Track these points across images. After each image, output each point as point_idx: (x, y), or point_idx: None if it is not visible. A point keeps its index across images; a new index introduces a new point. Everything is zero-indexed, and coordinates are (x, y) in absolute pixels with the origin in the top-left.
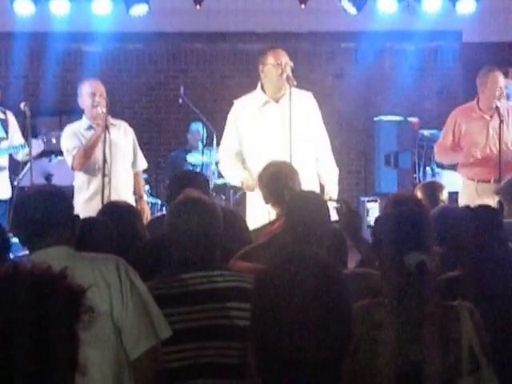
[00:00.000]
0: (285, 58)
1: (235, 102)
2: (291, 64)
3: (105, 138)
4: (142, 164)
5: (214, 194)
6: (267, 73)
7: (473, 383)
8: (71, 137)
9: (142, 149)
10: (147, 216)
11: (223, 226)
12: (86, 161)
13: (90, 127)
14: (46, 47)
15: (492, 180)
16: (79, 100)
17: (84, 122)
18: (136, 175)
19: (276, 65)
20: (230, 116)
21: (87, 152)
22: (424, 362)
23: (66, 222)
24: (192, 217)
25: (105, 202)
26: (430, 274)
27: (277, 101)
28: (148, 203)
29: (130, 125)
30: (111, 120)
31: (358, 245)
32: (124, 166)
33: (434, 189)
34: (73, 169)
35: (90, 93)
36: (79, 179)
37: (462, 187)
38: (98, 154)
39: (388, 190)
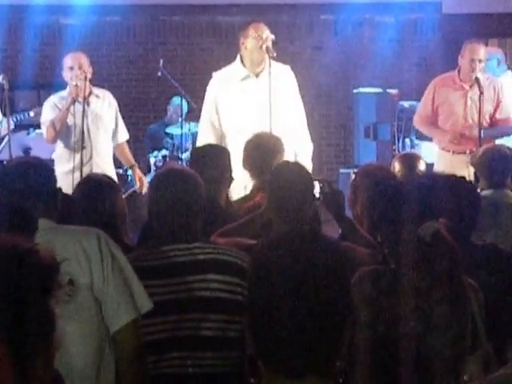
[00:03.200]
0: (266, 32)
1: (214, 74)
2: (273, 37)
3: (83, 110)
4: (124, 135)
5: None
6: (248, 46)
7: (479, 361)
8: (49, 109)
9: None
10: (145, 181)
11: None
12: (56, 134)
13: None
14: (25, 20)
15: (468, 151)
16: (63, 73)
17: (66, 94)
18: (120, 146)
19: (257, 37)
20: (208, 88)
21: (55, 125)
22: (426, 332)
23: (47, 194)
24: (173, 188)
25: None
26: (446, 243)
27: (257, 75)
28: (127, 177)
29: None
30: (95, 91)
31: (340, 222)
32: (105, 138)
33: (411, 160)
34: (47, 141)
35: (68, 67)
36: (59, 151)
37: (436, 157)
38: (78, 126)
39: (367, 162)
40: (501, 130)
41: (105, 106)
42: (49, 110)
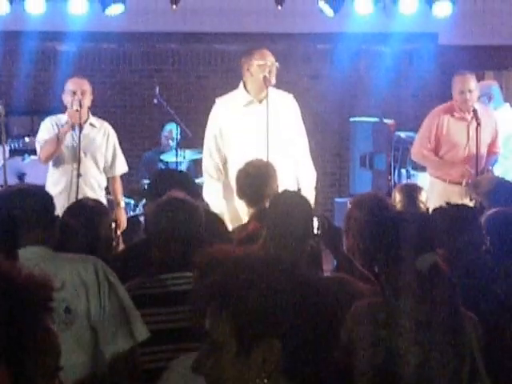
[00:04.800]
0: (271, 59)
1: (217, 100)
2: (277, 65)
3: (79, 136)
4: (121, 168)
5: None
6: (253, 72)
7: None
8: (46, 129)
9: None
10: (123, 224)
11: (207, 229)
12: (50, 155)
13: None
14: (20, 46)
15: (464, 182)
16: (63, 96)
17: (64, 118)
18: (114, 180)
19: (261, 64)
20: (212, 114)
21: (50, 147)
22: (425, 365)
23: (43, 221)
24: (173, 217)
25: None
26: (443, 275)
27: (260, 101)
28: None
29: None
30: (92, 120)
31: (337, 258)
32: (96, 166)
33: (412, 190)
34: (40, 160)
35: (70, 90)
36: (51, 175)
37: (429, 185)
38: (69, 151)
39: (363, 192)
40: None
41: (99, 136)
42: (45, 131)
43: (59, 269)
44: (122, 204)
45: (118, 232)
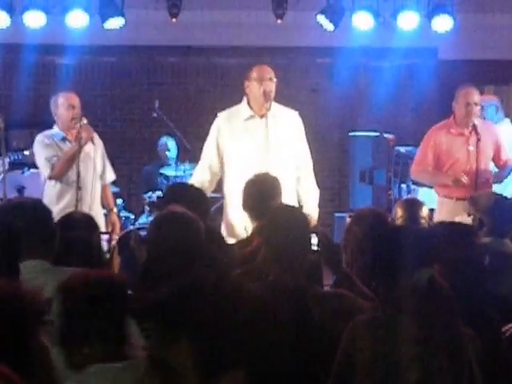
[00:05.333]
0: (268, 74)
1: (219, 114)
2: (275, 80)
3: (80, 150)
4: (110, 176)
5: None
6: (252, 89)
7: None
8: (48, 146)
9: (114, 162)
10: (117, 228)
11: (209, 243)
12: (65, 172)
13: (64, 139)
14: (20, 59)
15: (468, 197)
16: (53, 111)
17: (57, 133)
18: (105, 188)
19: (259, 80)
20: (212, 128)
21: (68, 164)
22: (424, 380)
23: (43, 235)
24: (173, 231)
25: None
26: (441, 290)
27: (261, 116)
28: (121, 217)
29: (103, 138)
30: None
31: (337, 275)
32: (95, 178)
33: (413, 205)
34: (50, 178)
35: (68, 105)
36: (50, 192)
37: (438, 205)
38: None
39: (362, 207)
40: (503, 173)
41: (92, 147)
42: (49, 147)
43: (57, 282)
44: (115, 209)
45: (113, 242)
